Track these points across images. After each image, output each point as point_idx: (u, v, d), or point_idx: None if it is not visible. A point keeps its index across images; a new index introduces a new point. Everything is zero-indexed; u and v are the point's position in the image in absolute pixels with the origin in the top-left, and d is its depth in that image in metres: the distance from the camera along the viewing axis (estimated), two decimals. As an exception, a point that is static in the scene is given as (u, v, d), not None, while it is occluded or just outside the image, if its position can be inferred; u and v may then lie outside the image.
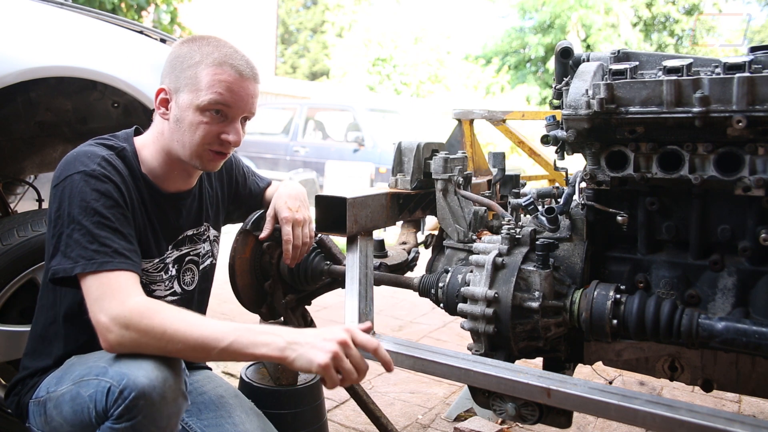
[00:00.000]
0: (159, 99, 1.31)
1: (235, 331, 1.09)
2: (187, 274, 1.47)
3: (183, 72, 1.28)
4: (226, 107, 1.28)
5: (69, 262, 1.13)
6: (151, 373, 1.06)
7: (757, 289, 1.24)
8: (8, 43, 1.61)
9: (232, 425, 1.38)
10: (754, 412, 2.39)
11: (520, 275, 1.30)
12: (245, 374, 1.72)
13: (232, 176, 1.63)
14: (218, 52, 1.28)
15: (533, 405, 1.24)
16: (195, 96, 1.26)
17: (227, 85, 1.26)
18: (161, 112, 1.32)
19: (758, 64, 1.19)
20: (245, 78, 1.29)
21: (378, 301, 2.33)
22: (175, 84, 1.29)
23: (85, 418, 1.11)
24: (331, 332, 1.09)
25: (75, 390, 1.14)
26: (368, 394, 1.82)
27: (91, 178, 1.19)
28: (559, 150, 1.44)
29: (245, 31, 17.51)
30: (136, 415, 1.05)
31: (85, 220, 1.15)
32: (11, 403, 1.34)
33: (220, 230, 1.61)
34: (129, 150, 1.32)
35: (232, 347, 1.07)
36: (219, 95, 1.26)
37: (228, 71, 1.27)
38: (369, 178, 7.80)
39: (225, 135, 1.29)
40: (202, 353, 1.09)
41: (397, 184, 1.68)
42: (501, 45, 22.41)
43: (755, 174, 1.15)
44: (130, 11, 6.46)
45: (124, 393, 1.05)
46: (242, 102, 1.29)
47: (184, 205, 1.43)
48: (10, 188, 2.34)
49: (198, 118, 1.27)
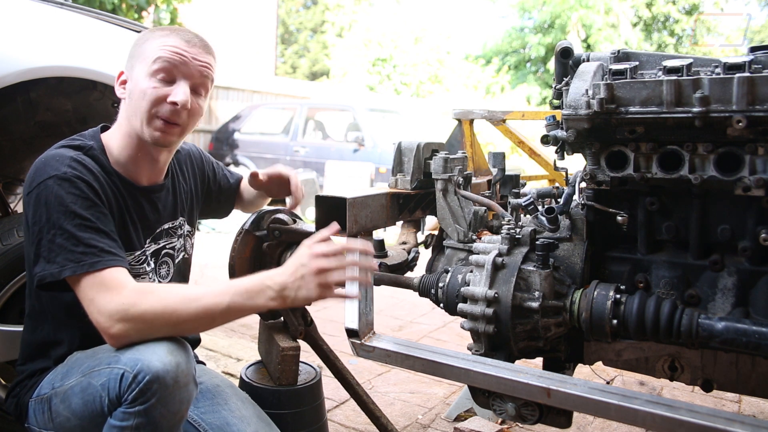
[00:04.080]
0: (119, 82, 1.36)
1: (228, 290, 1.14)
2: (163, 267, 1.48)
3: (136, 51, 1.34)
4: (172, 68, 1.30)
5: (55, 267, 1.14)
6: (164, 358, 1.08)
7: (757, 289, 1.24)
8: (8, 43, 1.61)
9: (229, 411, 1.39)
10: (754, 412, 2.39)
11: (520, 275, 1.30)
12: (245, 374, 1.72)
13: (204, 171, 1.65)
14: (168, 29, 1.34)
15: (533, 405, 1.24)
16: (144, 65, 1.30)
17: (172, 49, 1.30)
18: (120, 93, 1.35)
19: (758, 64, 1.19)
20: (192, 45, 1.33)
21: (378, 301, 2.33)
22: (129, 64, 1.34)
23: (97, 408, 1.12)
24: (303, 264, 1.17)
25: (86, 381, 1.15)
26: (368, 394, 1.82)
27: (64, 181, 1.19)
28: (559, 150, 1.44)
29: (245, 31, 17.51)
30: (150, 398, 1.07)
31: (66, 224, 1.16)
32: (10, 405, 1.34)
33: (194, 226, 1.62)
34: (97, 147, 1.32)
35: (232, 307, 1.14)
36: (163, 58, 1.29)
37: (174, 39, 1.32)
38: (369, 178, 7.79)
39: (171, 96, 1.29)
40: (206, 321, 1.14)
41: (397, 184, 1.68)
42: (501, 45, 22.40)
43: (755, 174, 1.15)
44: (130, 11, 6.47)
45: (138, 377, 1.07)
46: (189, 64, 1.31)
47: (159, 198, 1.43)
48: (10, 188, 2.34)
49: (146, 83, 1.29)
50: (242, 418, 1.38)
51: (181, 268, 1.55)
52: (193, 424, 1.36)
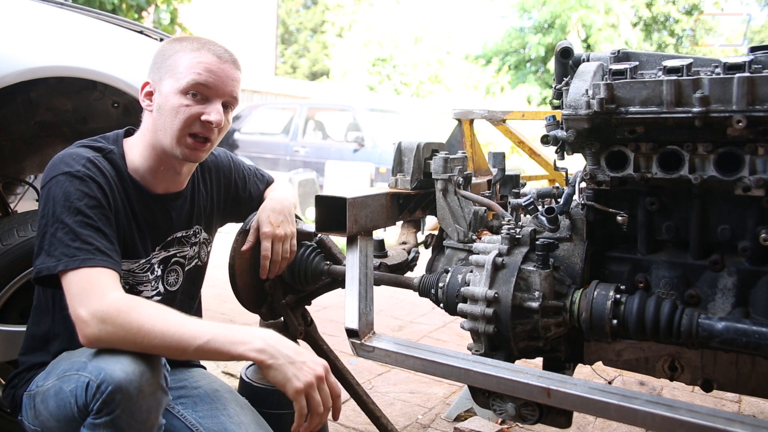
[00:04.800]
0: (144, 93, 1.35)
1: (213, 329, 1.10)
2: (171, 274, 1.47)
3: (164, 62, 1.32)
4: (205, 87, 1.29)
5: (52, 261, 1.14)
6: (128, 367, 1.07)
7: (757, 289, 1.24)
8: (8, 43, 1.61)
9: (227, 416, 1.39)
10: (754, 412, 2.39)
11: (520, 275, 1.30)
12: (245, 374, 1.72)
13: (231, 179, 1.63)
14: (198, 42, 1.33)
15: (533, 405, 1.24)
16: (175, 81, 1.29)
17: (206, 66, 1.29)
18: (146, 105, 1.34)
19: (758, 64, 1.19)
20: (224, 60, 1.32)
21: (378, 301, 2.33)
22: (157, 76, 1.32)
23: (69, 413, 1.12)
24: (312, 360, 1.12)
25: (58, 385, 1.15)
26: (368, 394, 1.82)
27: (75, 178, 1.20)
28: (559, 150, 1.44)
29: (245, 31, 17.52)
30: (114, 408, 1.06)
31: (68, 218, 1.17)
32: (7, 396, 1.35)
33: (213, 233, 1.61)
34: (116, 152, 1.33)
35: (209, 345, 1.08)
36: (198, 75, 1.28)
37: (206, 54, 1.30)
38: (369, 178, 7.79)
39: (206, 116, 1.29)
40: (178, 350, 1.09)
41: (397, 184, 1.68)
42: (501, 45, 22.41)
43: (755, 174, 1.15)
44: (130, 11, 6.46)
45: (102, 387, 1.06)
46: (222, 83, 1.31)
47: (173, 206, 1.43)
48: (10, 188, 2.34)
49: (179, 101, 1.28)
50: (240, 424, 1.38)
51: (193, 275, 1.54)
52: (191, 429, 1.36)
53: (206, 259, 1.59)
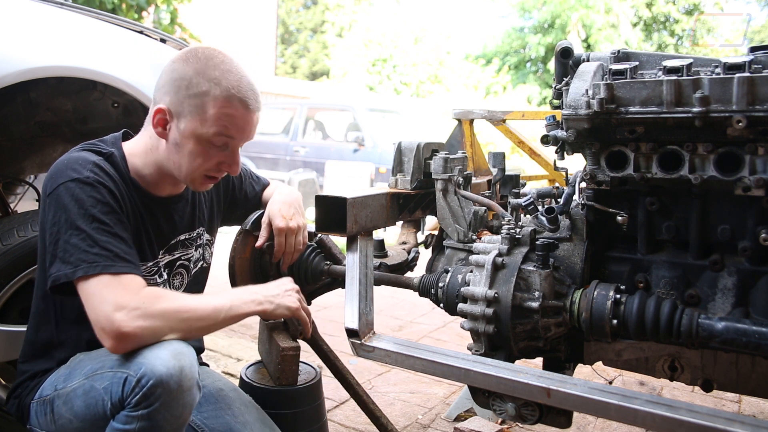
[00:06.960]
0: (157, 117, 1.27)
1: (229, 297, 1.25)
2: (177, 277, 1.47)
3: (188, 99, 1.25)
4: (229, 139, 1.29)
5: (69, 267, 1.13)
6: (168, 362, 1.09)
7: (757, 289, 1.24)
8: (8, 43, 1.61)
9: (232, 416, 1.39)
10: (754, 412, 2.39)
11: (520, 275, 1.30)
12: (245, 374, 1.72)
13: (228, 180, 1.63)
14: (226, 80, 1.25)
15: (533, 405, 1.24)
16: (199, 125, 1.25)
17: (234, 120, 1.27)
18: (158, 131, 1.29)
19: (758, 64, 1.19)
20: (251, 111, 1.29)
21: (378, 301, 2.33)
22: (177, 108, 1.26)
23: (99, 411, 1.13)
24: (284, 284, 1.36)
25: (88, 384, 1.15)
26: (368, 394, 1.82)
27: (85, 185, 1.19)
28: (559, 150, 1.44)
29: (245, 31, 17.51)
30: (153, 402, 1.07)
31: (84, 225, 1.16)
32: (12, 406, 1.34)
33: (215, 234, 1.61)
34: (117, 155, 1.31)
35: (233, 311, 1.22)
36: (225, 128, 1.27)
37: (236, 105, 1.26)
38: (369, 178, 7.79)
39: (226, 166, 1.33)
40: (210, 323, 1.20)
41: (397, 184, 1.68)
42: (501, 45, 22.43)
43: (755, 174, 1.15)
44: (130, 11, 6.46)
45: (142, 381, 1.07)
46: (245, 134, 1.31)
47: (176, 209, 1.43)
48: (10, 188, 2.34)
49: (200, 147, 1.28)
50: (245, 423, 1.38)
51: (198, 278, 1.55)
52: (196, 429, 1.36)
53: (210, 261, 1.60)
